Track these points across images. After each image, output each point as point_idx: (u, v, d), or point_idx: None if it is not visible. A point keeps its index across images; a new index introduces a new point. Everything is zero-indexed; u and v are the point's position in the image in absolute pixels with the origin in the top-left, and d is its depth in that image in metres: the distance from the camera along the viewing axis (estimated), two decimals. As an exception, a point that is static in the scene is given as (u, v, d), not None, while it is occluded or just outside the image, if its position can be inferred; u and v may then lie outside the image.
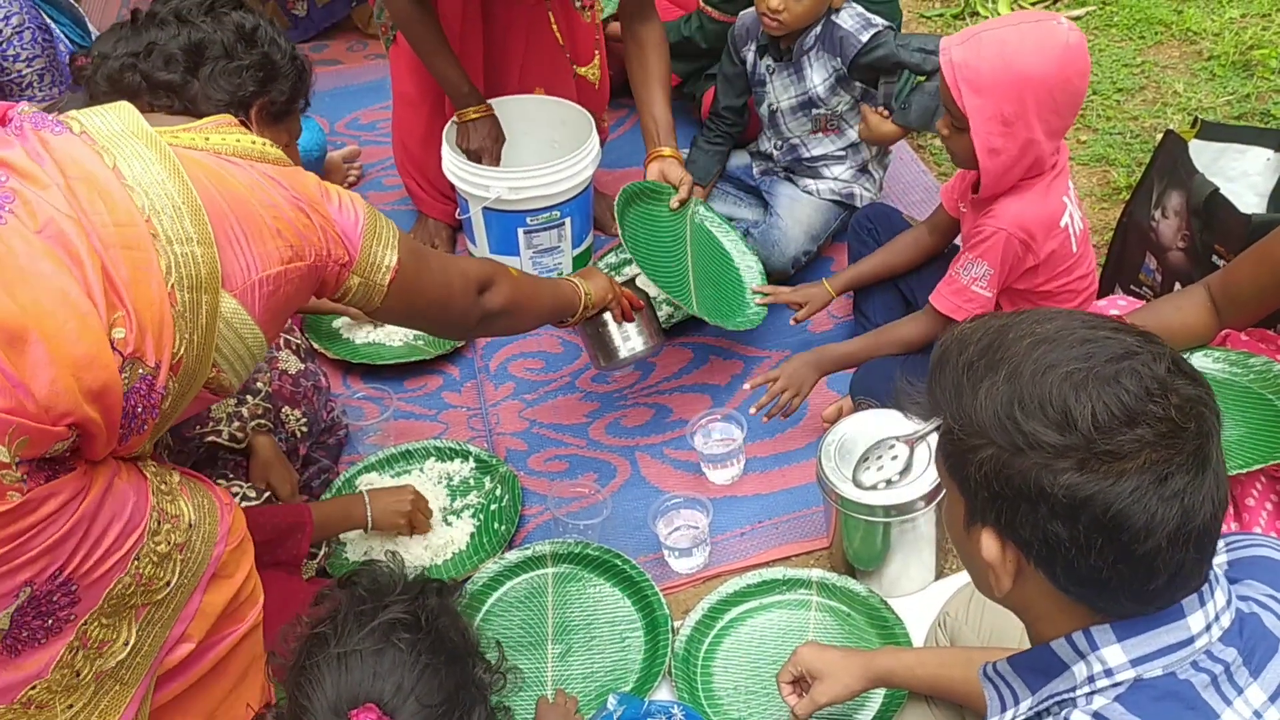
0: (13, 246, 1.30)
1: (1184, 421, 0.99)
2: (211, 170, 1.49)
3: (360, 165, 3.45)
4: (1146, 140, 3.28)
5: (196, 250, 1.42)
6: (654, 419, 2.60)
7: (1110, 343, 1.03)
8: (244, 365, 1.55)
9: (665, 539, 2.23)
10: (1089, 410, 0.98)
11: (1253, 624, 1.08)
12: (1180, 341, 2.03)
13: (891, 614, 2.06)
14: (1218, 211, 2.25)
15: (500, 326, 2.04)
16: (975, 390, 1.04)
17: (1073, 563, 1.01)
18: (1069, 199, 2.18)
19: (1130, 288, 2.53)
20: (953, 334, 1.12)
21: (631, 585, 2.18)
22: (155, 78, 1.66)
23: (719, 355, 2.75)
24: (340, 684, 1.27)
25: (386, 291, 1.69)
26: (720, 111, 2.88)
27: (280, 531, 1.99)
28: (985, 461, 1.03)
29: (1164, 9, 3.90)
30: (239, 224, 1.47)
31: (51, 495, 1.33)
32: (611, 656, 2.09)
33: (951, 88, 2.02)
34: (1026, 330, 1.06)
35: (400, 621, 1.32)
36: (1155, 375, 1.00)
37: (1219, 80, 3.53)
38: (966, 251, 2.20)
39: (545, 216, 2.82)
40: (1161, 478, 0.97)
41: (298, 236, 1.53)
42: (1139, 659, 1.04)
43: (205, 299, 1.43)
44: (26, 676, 1.39)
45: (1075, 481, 0.98)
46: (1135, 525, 0.98)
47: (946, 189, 2.44)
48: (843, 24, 2.63)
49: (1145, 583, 1.01)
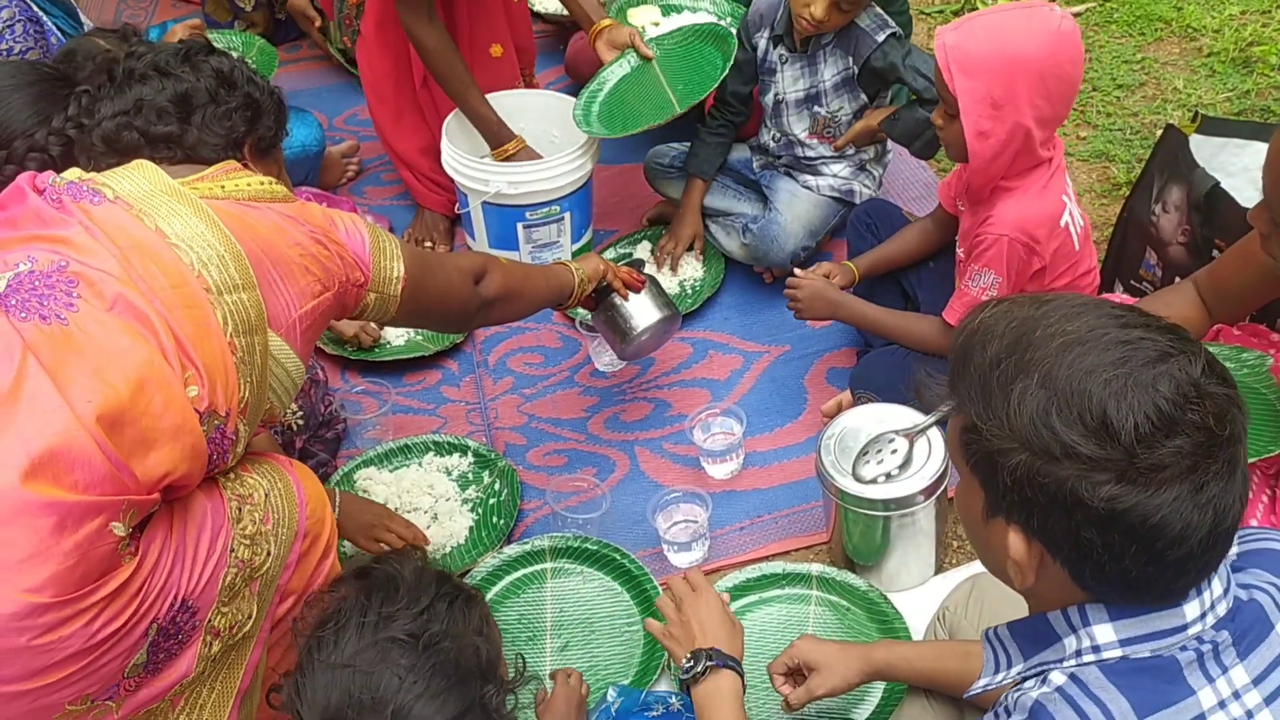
0: (90, 332, 1.36)
1: (1220, 429, 0.99)
2: (237, 218, 1.56)
3: (359, 160, 3.44)
4: (1146, 136, 3.28)
5: (244, 296, 1.50)
6: (653, 413, 2.60)
7: (1145, 344, 1.01)
8: (288, 394, 1.65)
9: (664, 533, 2.22)
10: (1130, 422, 0.97)
11: (1250, 609, 1.08)
12: None
13: (891, 609, 2.06)
14: (1218, 206, 2.25)
15: (499, 313, 2.10)
16: (1006, 393, 1.02)
17: (1103, 566, 1.01)
18: (1067, 197, 2.17)
19: (1130, 283, 2.53)
20: (974, 325, 1.09)
21: (630, 579, 2.18)
22: (152, 132, 1.71)
23: (718, 350, 2.75)
24: (331, 697, 1.26)
25: (400, 300, 1.79)
26: (725, 98, 2.87)
27: None
28: (1018, 467, 1.01)
29: (1164, 5, 3.89)
30: (274, 267, 1.55)
31: (150, 543, 1.40)
32: (610, 650, 2.08)
33: (943, 70, 2.02)
34: (1056, 329, 1.04)
35: (399, 641, 1.30)
36: (1192, 379, 0.99)
37: (1219, 77, 3.52)
38: (972, 262, 2.19)
39: (545, 211, 2.81)
40: (1198, 486, 0.98)
41: (322, 269, 1.63)
42: (1128, 640, 1.05)
43: (258, 340, 1.52)
44: (173, 681, 1.46)
45: (1115, 493, 0.98)
46: (1172, 533, 0.98)
47: (944, 186, 2.43)
48: (861, 22, 2.63)
49: (1174, 582, 1.03)
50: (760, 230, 2.80)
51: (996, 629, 1.16)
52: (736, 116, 2.90)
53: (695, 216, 2.92)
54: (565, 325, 2.85)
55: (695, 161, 2.91)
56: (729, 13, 3.13)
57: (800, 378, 2.65)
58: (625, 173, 3.28)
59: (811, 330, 2.75)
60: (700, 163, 2.91)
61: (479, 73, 2.88)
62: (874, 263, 2.55)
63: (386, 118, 3.06)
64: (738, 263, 2.93)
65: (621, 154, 3.31)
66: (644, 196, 3.17)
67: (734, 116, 2.89)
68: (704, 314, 2.84)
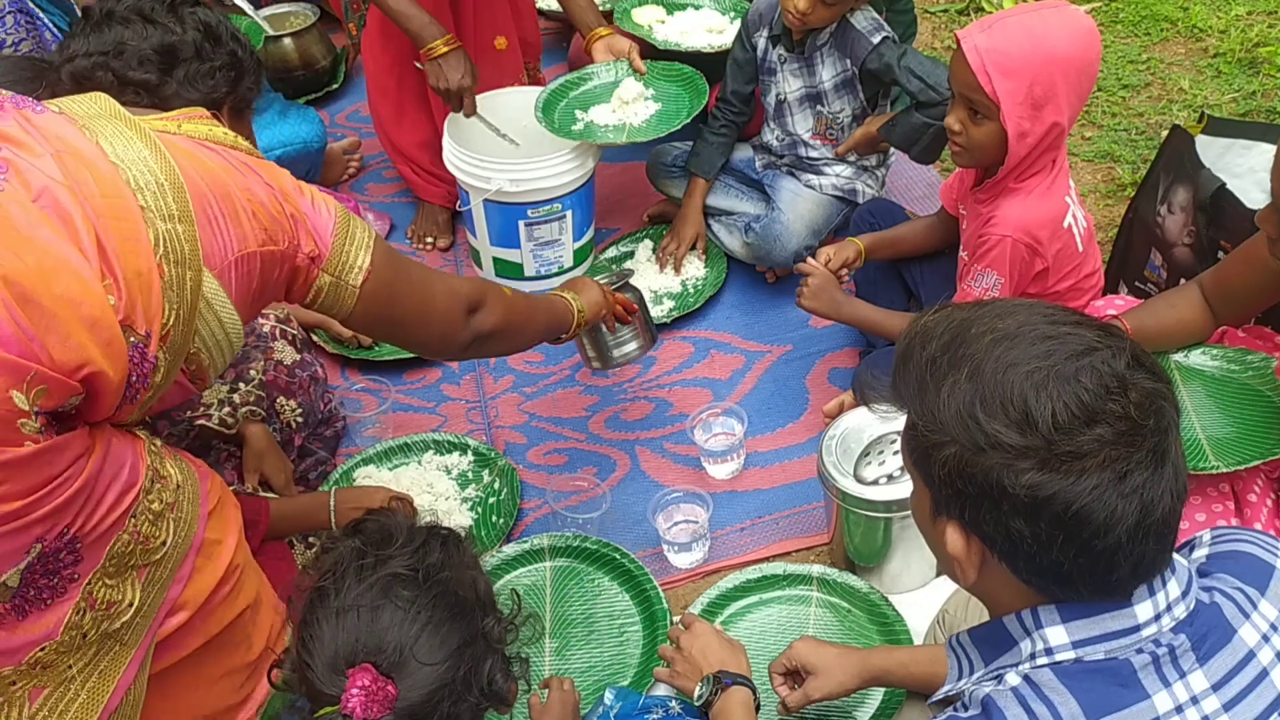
0: (10, 213, 1.30)
1: (1143, 419, 1.00)
2: (187, 151, 1.48)
3: (360, 156, 3.43)
4: (1152, 137, 3.26)
5: (178, 228, 1.41)
6: (654, 413, 2.59)
7: (1071, 339, 1.03)
8: (220, 352, 1.54)
9: (665, 533, 2.21)
10: (1049, 410, 0.99)
11: (1210, 613, 1.09)
12: (1177, 339, 2.03)
13: (892, 610, 2.05)
14: (1224, 207, 2.24)
15: (493, 348, 1.97)
16: (938, 388, 1.05)
17: (1034, 557, 1.03)
18: (1070, 198, 2.16)
19: (1135, 284, 2.52)
20: (915, 327, 1.13)
21: (630, 580, 2.17)
22: (129, 76, 1.68)
23: (720, 350, 2.74)
24: (339, 641, 1.25)
25: (359, 294, 1.65)
26: (727, 97, 2.86)
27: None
28: (949, 459, 1.04)
29: (1170, 6, 3.88)
30: (217, 203, 1.46)
31: (63, 449, 1.35)
32: (609, 651, 2.07)
33: (978, 74, 1.98)
34: (988, 326, 1.07)
35: (400, 576, 1.29)
36: (1115, 372, 1.02)
37: (1225, 77, 3.51)
38: (974, 263, 2.17)
39: (546, 209, 2.80)
40: (1121, 475, 0.99)
41: (271, 220, 1.53)
42: (1080, 641, 1.05)
43: (189, 274, 1.43)
44: (35, 639, 1.40)
45: (1036, 481, 0.99)
46: (1096, 521, 0.99)
47: (945, 188, 2.42)
48: (856, 24, 2.61)
49: (1107, 574, 1.03)
50: (763, 230, 2.79)
51: (958, 635, 1.18)
52: (738, 116, 2.89)
53: (697, 216, 2.91)
54: (566, 324, 2.83)
55: (697, 161, 2.90)
56: (731, 7, 3.11)
57: (802, 378, 2.64)
58: (628, 170, 3.27)
59: (814, 330, 2.73)
60: (702, 162, 2.90)
61: (482, 64, 2.86)
62: (879, 242, 2.52)
63: (388, 111, 3.05)
64: (740, 262, 2.92)
65: (624, 152, 3.30)
66: (646, 194, 3.16)
67: (735, 116, 2.88)
68: (706, 313, 2.83)
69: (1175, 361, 2.04)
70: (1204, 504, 1.81)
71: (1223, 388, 1.99)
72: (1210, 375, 2.02)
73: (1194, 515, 1.80)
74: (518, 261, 2.90)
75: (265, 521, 1.97)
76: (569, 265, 2.94)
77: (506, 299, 1.93)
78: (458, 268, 3.06)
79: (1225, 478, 1.85)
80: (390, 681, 1.21)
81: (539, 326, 2.07)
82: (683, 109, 2.77)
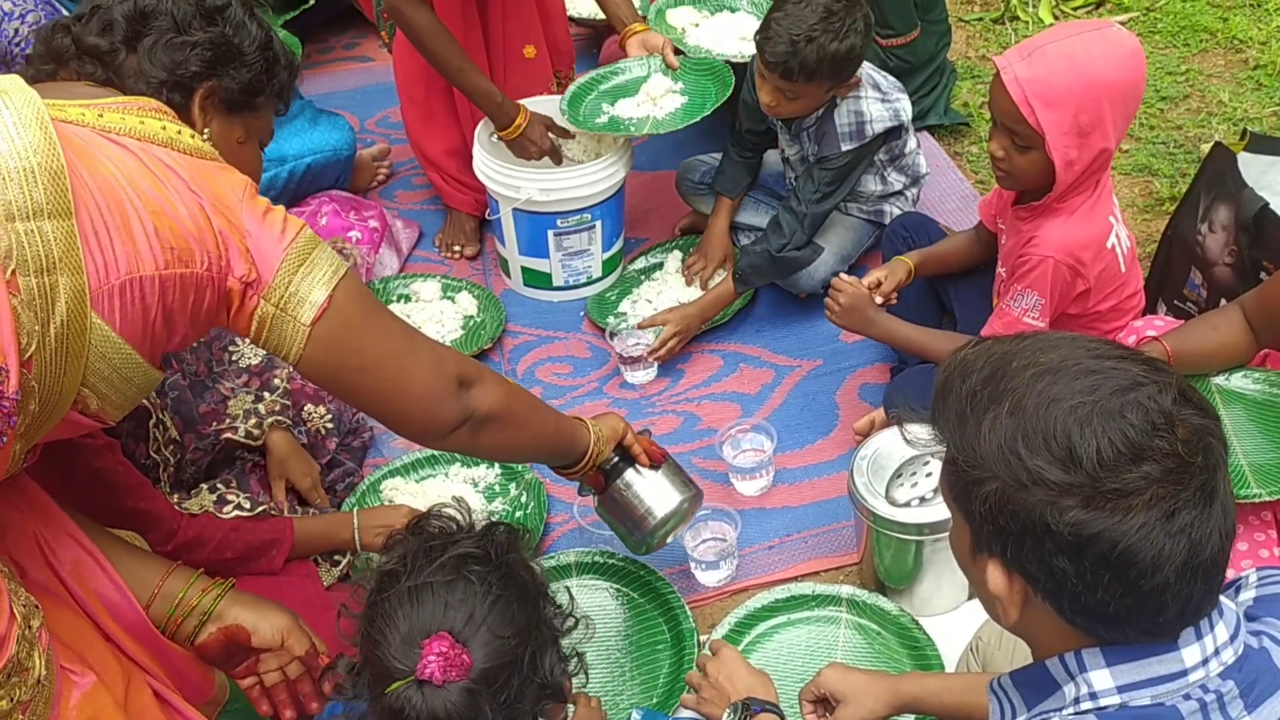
0: None
1: (1190, 456, 0.98)
2: (80, 149, 1.26)
3: (390, 164, 3.43)
4: (1190, 150, 3.21)
5: (47, 225, 1.18)
6: (682, 427, 2.56)
7: (1116, 373, 1.01)
8: (114, 389, 1.31)
9: (692, 551, 2.19)
10: (1094, 447, 0.97)
11: (1259, 659, 1.06)
12: (1218, 362, 1.99)
13: (923, 634, 2.02)
14: (1267, 227, 2.20)
15: (489, 439, 1.63)
16: (979, 422, 1.03)
17: (1079, 597, 1.01)
18: (1114, 217, 2.12)
19: (1174, 303, 2.47)
20: (955, 359, 1.11)
21: (657, 597, 2.15)
22: (84, 42, 1.48)
23: (749, 364, 2.71)
24: (413, 616, 1.26)
25: (309, 334, 1.40)
26: (742, 134, 2.84)
27: (253, 549, 1.92)
28: (990, 495, 1.02)
29: (1209, 16, 3.82)
30: (103, 214, 1.24)
31: None
32: (636, 670, 2.05)
33: (1020, 105, 1.94)
34: (1030, 360, 1.05)
35: (470, 555, 1.31)
36: (1161, 408, 0.99)
37: (1265, 90, 3.45)
38: (1014, 282, 2.14)
39: (576, 219, 2.78)
40: (1169, 513, 0.96)
41: (182, 238, 1.30)
42: (1126, 686, 1.03)
43: (64, 281, 1.20)
44: None
45: (1081, 519, 0.97)
46: (1143, 561, 0.97)
47: (984, 204, 2.38)
48: (839, 118, 2.58)
49: (1154, 615, 1.01)
50: (790, 261, 2.75)
51: (1000, 679, 1.15)
52: (757, 149, 2.87)
53: (725, 238, 2.88)
54: (595, 335, 2.82)
55: (722, 180, 2.87)
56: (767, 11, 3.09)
57: (832, 393, 2.61)
58: (659, 179, 3.25)
59: (844, 345, 2.70)
60: (726, 181, 2.87)
61: (511, 74, 2.86)
62: (927, 259, 2.48)
63: (417, 118, 3.04)
64: (770, 275, 2.89)
65: (655, 161, 3.28)
66: (676, 204, 3.14)
67: (754, 149, 2.86)
68: (735, 327, 2.80)
69: (1216, 385, 2.00)
70: (1245, 533, 1.78)
71: (1265, 412, 1.95)
72: (1252, 399, 1.98)
73: (1235, 545, 1.75)
74: (546, 271, 2.88)
75: (290, 540, 1.96)
76: (598, 275, 2.92)
77: (508, 382, 1.69)
78: (485, 277, 3.04)
79: (1268, 506, 1.80)
80: (465, 650, 1.24)
81: (547, 424, 1.77)
82: (708, 100, 2.74)
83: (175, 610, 1.61)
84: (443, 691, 1.22)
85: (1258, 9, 3.85)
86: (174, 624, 1.61)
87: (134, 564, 1.61)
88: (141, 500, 1.74)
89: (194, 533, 1.83)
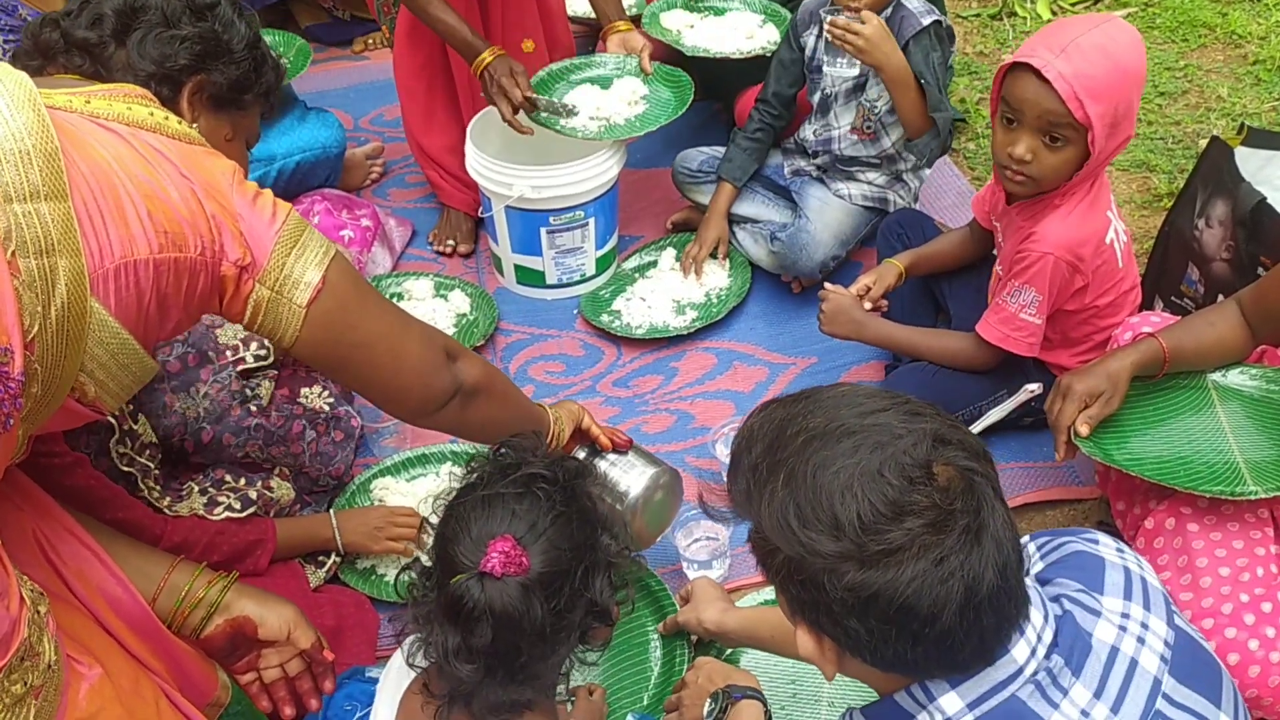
0: None
1: (949, 502, 1.02)
2: (71, 133, 1.26)
3: (383, 162, 3.40)
4: (1189, 146, 3.19)
5: (45, 208, 1.18)
6: (675, 425, 2.54)
7: (874, 430, 1.06)
8: (111, 376, 1.30)
9: (684, 550, 2.17)
10: (854, 512, 1.01)
11: (1068, 624, 1.13)
12: (1215, 359, 1.97)
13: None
14: (1264, 222, 2.18)
15: (477, 412, 1.67)
16: (760, 496, 1.09)
17: (878, 651, 1.06)
18: (1111, 212, 2.10)
19: (1171, 298, 2.45)
20: (744, 429, 1.16)
21: (649, 597, 2.12)
22: (73, 35, 1.51)
23: (743, 361, 2.69)
24: (483, 520, 1.37)
25: (305, 315, 1.42)
26: (768, 98, 2.80)
27: (238, 551, 1.91)
28: (781, 566, 1.07)
29: (1208, 11, 3.80)
30: (97, 199, 1.24)
31: None
32: (627, 671, 2.03)
33: (1069, 100, 1.89)
34: (801, 425, 1.09)
35: (540, 475, 1.42)
36: (916, 460, 1.03)
37: (1265, 85, 3.43)
38: (1012, 279, 2.11)
39: (569, 216, 2.76)
40: (937, 561, 1.01)
41: (175, 222, 1.30)
42: (974, 701, 1.08)
43: (63, 263, 1.19)
44: None
45: (857, 581, 1.01)
46: (921, 611, 1.01)
47: (978, 200, 2.36)
48: (908, 3, 2.56)
49: (951, 656, 1.06)
50: (789, 239, 2.74)
51: (852, 714, 1.19)
52: (776, 120, 2.83)
53: (721, 221, 2.86)
54: (588, 333, 2.80)
55: (728, 167, 2.85)
56: (762, 9, 3.07)
57: (827, 391, 2.59)
58: (653, 176, 3.23)
59: (839, 342, 2.66)
60: (733, 168, 2.84)
61: None
62: (919, 259, 2.47)
63: (417, 114, 3.02)
64: (765, 271, 2.87)
65: (649, 157, 3.26)
66: (672, 201, 3.12)
67: (774, 120, 2.82)
68: (729, 323, 2.78)
69: (1213, 381, 1.98)
70: (1241, 531, 1.75)
71: (1262, 409, 1.93)
72: (1249, 396, 1.96)
73: (1231, 543, 1.73)
74: (539, 269, 2.86)
75: (273, 541, 1.95)
76: (591, 273, 2.90)
77: (482, 359, 1.75)
78: (479, 275, 3.02)
79: (1264, 504, 1.78)
80: (526, 553, 1.34)
81: (523, 402, 1.85)
82: (663, 114, 2.76)
83: (182, 602, 1.63)
84: (501, 584, 1.33)
85: (1256, 3, 3.83)
86: (181, 616, 1.63)
87: (138, 559, 1.62)
88: (119, 511, 1.72)
89: (179, 538, 1.81)
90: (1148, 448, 1.89)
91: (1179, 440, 1.90)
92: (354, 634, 1.98)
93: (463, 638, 1.36)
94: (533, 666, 1.40)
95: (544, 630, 1.36)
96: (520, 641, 1.36)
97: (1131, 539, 1.91)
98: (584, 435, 2.02)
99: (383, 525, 2.13)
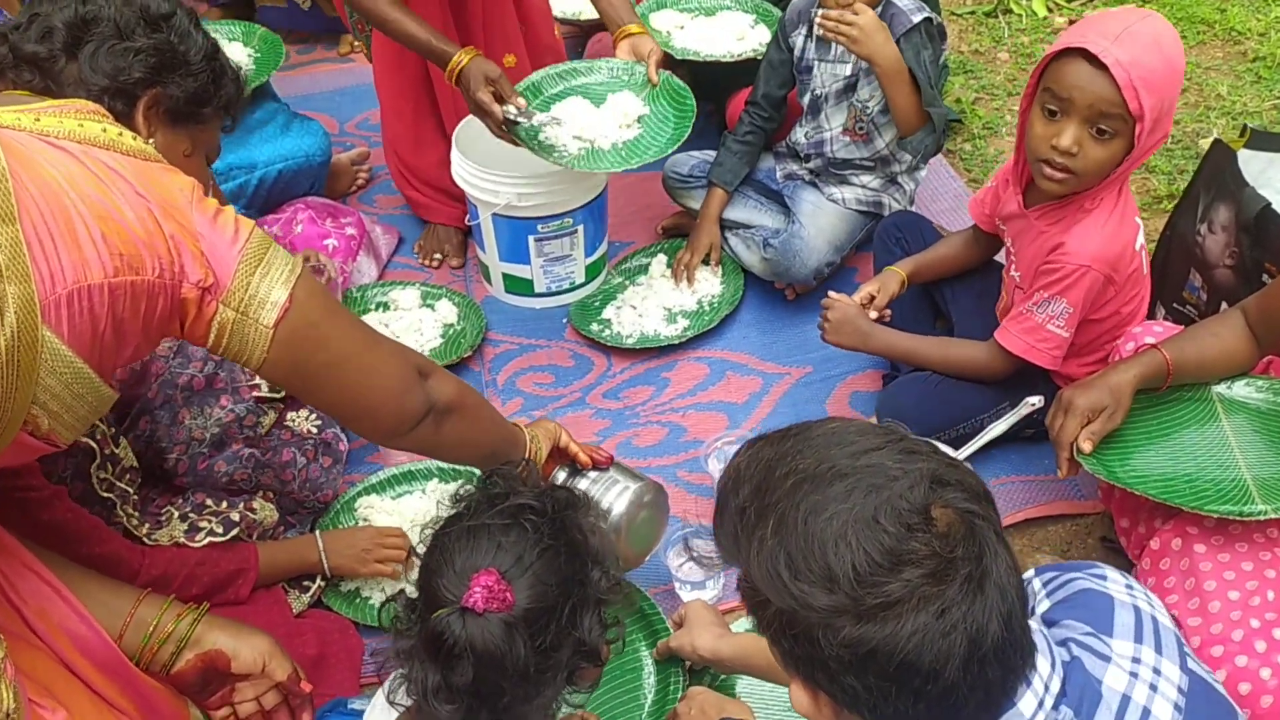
0: None
1: (950, 550, 0.96)
2: (19, 153, 1.21)
3: (369, 167, 3.34)
4: (1189, 146, 3.14)
5: None
6: (668, 438, 2.49)
7: (869, 472, 0.99)
8: (65, 408, 1.25)
9: (677, 571, 2.12)
10: (849, 564, 0.95)
11: (1077, 671, 1.08)
12: (1220, 370, 1.92)
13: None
14: (1270, 228, 2.12)
15: (450, 432, 1.61)
16: (749, 543, 1.02)
17: (877, 709, 0.99)
18: (1138, 217, 2.05)
19: (1174, 306, 2.40)
20: (729, 469, 1.10)
21: (641, 619, 2.07)
22: (22, 50, 1.46)
23: (736, 371, 2.63)
24: (467, 552, 1.34)
25: (273, 337, 1.36)
26: (758, 100, 2.75)
27: (219, 581, 1.85)
28: (773, 618, 1.01)
29: (1206, 8, 3.75)
30: (47, 221, 1.18)
31: None
32: (620, 694, 1.97)
33: (1125, 89, 1.79)
34: (791, 466, 1.03)
35: (529, 506, 1.38)
36: (914, 504, 0.97)
37: (1265, 83, 3.38)
38: (1041, 289, 2.05)
39: (557, 224, 2.71)
40: (939, 613, 0.95)
41: (131, 243, 1.24)
42: None
43: (12, 290, 1.14)
44: None
45: (854, 636, 0.96)
46: (923, 667, 0.95)
47: (976, 202, 2.30)
48: (898, 1, 2.50)
49: (955, 713, 0.99)
50: (782, 245, 2.68)
51: None
52: (767, 123, 2.78)
53: (713, 226, 2.80)
54: (578, 343, 2.74)
55: (719, 171, 2.79)
56: (753, 9, 3.01)
57: (822, 402, 2.54)
58: (644, 181, 3.17)
59: (835, 351, 2.61)
60: (724, 173, 2.79)
61: None
62: (921, 266, 2.42)
63: (405, 137, 2.95)
64: (757, 278, 2.82)
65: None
66: (662, 206, 3.06)
67: (764, 122, 2.77)
68: (722, 332, 2.73)
69: (1217, 394, 1.93)
70: (1251, 552, 1.70)
71: (1269, 422, 1.88)
72: (1255, 408, 1.91)
73: (1240, 565, 1.68)
74: (528, 278, 2.81)
75: (255, 568, 1.89)
76: (581, 281, 2.85)
77: (455, 377, 1.69)
78: (467, 284, 2.96)
79: (1274, 523, 1.73)
80: (510, 588, 1.30)
81: (496, 420, 1.79)
82: (653, 145, 2.56)
83: (149, 638, 1.56)
84: (483, 621, 1.28)
85: (1256, -1, 3.78)
86: (149, 653, 1.56)
87: (103, 594, 1.56)
88: (97, 545, 1.66)
89: (159, 570, 1.75)
90: (1152, 464, 1.84)
91: (1184, 456, 1.85)
92: (337, 662, 1.92)
93: (443, 675, 1.31)
94: (517, 708, 1.36)
95: (528, 670, 1.31)
96: (503, 681, 1.32)
97: (1137, 558, 1.86)
98: (562, 454, 1.96)
99: (371, 547, 2.08)
